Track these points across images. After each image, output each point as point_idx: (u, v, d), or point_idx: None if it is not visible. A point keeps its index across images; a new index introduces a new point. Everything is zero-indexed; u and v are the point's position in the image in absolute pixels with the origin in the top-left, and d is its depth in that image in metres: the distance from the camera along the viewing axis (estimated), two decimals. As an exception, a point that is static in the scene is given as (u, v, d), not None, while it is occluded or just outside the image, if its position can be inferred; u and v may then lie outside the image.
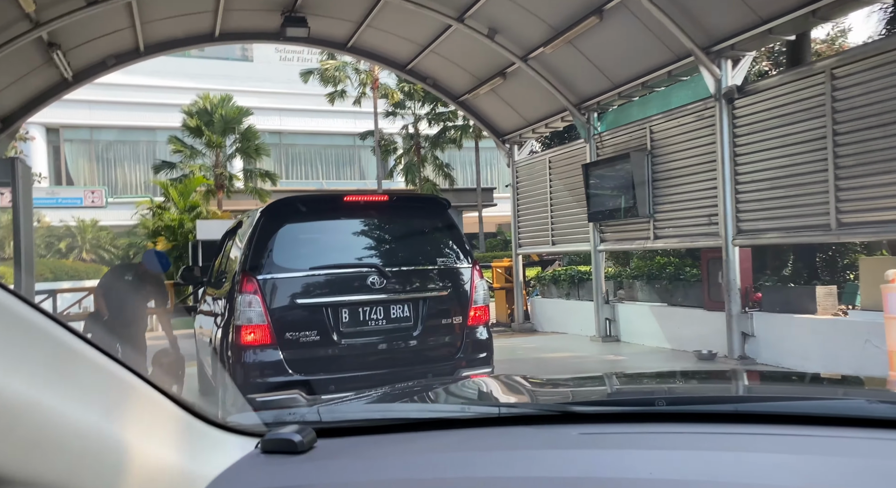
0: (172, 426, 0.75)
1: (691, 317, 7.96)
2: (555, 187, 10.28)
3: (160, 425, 0.72)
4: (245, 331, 3.78)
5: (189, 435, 0.78)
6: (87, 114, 25.79)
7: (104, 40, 8.15)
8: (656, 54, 7.75)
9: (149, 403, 0.71)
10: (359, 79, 22.62)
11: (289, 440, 0.89)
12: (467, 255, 4.43)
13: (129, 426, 0.65)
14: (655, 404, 1.09)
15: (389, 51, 10.45)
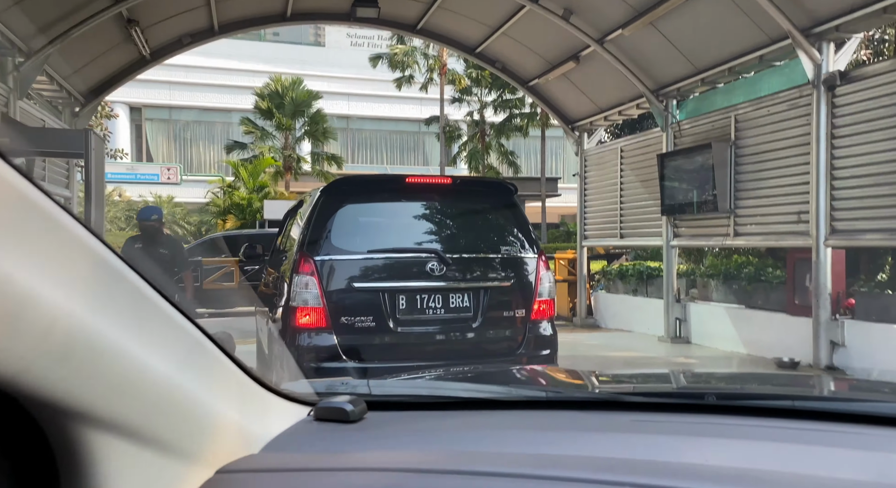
0: (236, 387, 0.77)
1: (772, 322, 7.39)
2: (626, 178, 9.79)
3: (225, 385, 0.74)
4: (300, 313, 3.67)
5: (250, 397, 0.81)
6: (168, 94, 26.84)
7: (180, 18, 8.28)
8: (747, 36, 7.16)
9: (216, 363, 0.73)
10: (427, 64, 22.47)
11: (341, 409, 0.91)
12: (533, 245, 4.17)
13: (200, 382, 0.68)
14: (705, 398, 1.08)
15: (459, 33, 10.19)
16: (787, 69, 7.18)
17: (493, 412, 1.06)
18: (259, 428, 0.80)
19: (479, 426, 0.96)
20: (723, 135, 7.76)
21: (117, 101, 24.63)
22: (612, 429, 0.94)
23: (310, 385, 1.09)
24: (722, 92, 8.30)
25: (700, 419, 0.98)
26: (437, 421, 0.99)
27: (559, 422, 0.98)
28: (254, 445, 0.78)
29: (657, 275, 9.60)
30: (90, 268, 0.52)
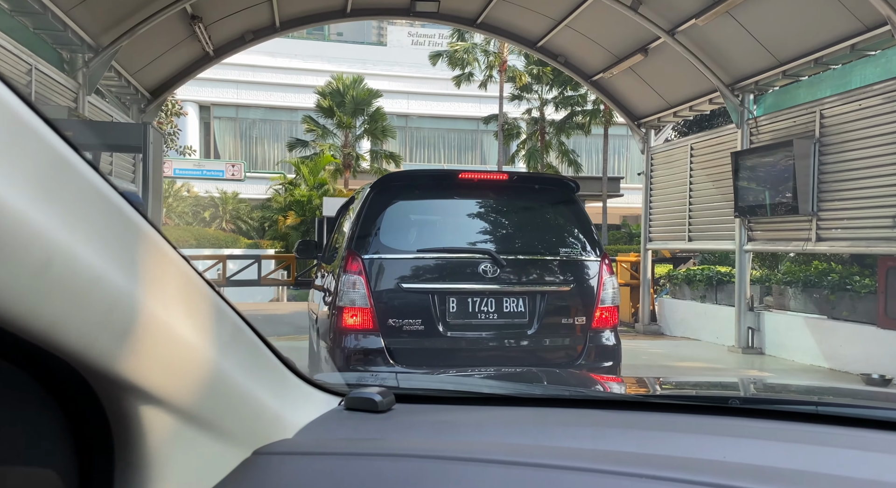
0: (273, 375, 0.80)
1: (859, 335, 6.76)
2: (696, 177, 9.24)
3: (263, 372, 0.77)
4: (347, 313, 3.51)
5: (286, 385, 0.84)
6: (235, 93, 27.66)
7: (242, 15, 8.35)
8: (837, 24, 6.56)
9: (256, 350, 0.76)
10: (486, 61, 22.20)
11: (370, 399, 0.95)
12: (595, 247, 3.86)
13: (241, 367, 0.71)
14: (729, 402, 1.09)
15: (520, 26, 9.88)
16: (884, 59, 6.54)
17: (515, 408, 1.09)
18: (293, 415, 0.84)
19: (499, 420, 0.99)
20: (806, 132, 7.16)
21: (187, 99, 25.58)
22: (632, 427, 0.96)
23: (341, 376, 1.18)
24: (806, 85, 7.68)
25: (723, 421, 1.00)
26: (460, 414, 1.02)
27: (579, 419, 1.01)
28: (288, 430, 0.82)
29: (728, 280, 9.02)
30: (146, 253, 0.55)
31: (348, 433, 0.87)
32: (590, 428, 0.94)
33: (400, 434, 0.90)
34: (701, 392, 1.39)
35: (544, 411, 1.06)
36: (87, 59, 6.53)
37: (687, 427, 0.95)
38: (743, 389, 1.49)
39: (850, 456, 0.82)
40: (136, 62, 7.86)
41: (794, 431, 0.93)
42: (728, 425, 0.97)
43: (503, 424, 0.96)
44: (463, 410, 1.04)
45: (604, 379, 1.47)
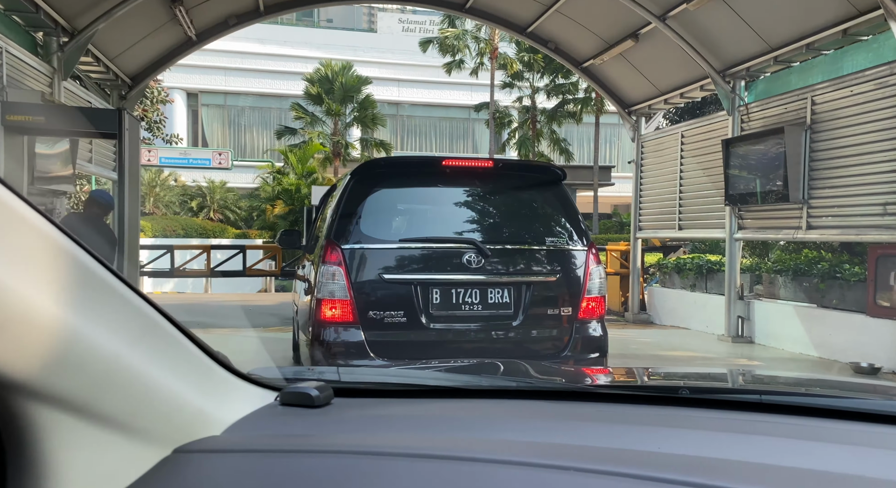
0: (195, 368, 0.77)
1: (849, 323, 6.73)
2: (686, 165, 9.16)
3: (184, 366, 0.74)
4: (326, 306, 3.40)
5: (210, 379, 0.81)
6: (223, 80, 27.31)
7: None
8: (829, 8, 6.46)
9: (175, 344, 0.73)
10: (478, 48, 21.99)
11: (306, 393, 0.92)
12: (582, 236, 3.76)
13: (153, 361, 0.68)
14: (679, 392, 1.08)
15: (510, 11, 9.71)
16: (876, 44, 6.46)
17: (461, 400, 1.07)
18: (221, 411, 0.81)
19: (441, 413, 0.98)
20: (797, 119, 7.08)
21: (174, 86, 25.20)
22: (578, 419, 0.96)
23: (278, 370, 1.09)
24: (797, 71, 7.59)
25: (670, 411, 0.99)
26: (402, 407, 1.00)
27: (523, 411, 1.00)
28: (215, 427, 0.78)
29: (718, 269, 8.98)
30: (32, 242, 0.53)
31: (280, 429, 0.84)
32: (534, 421, 0.93)
33: (334, 429, 0.87)
34: (652, 382, 1.39)
35: (491, 403, 1.05)
36: (62, 43, 6.33)
37: (632, 418, 0.95)
38: (702, 379, 1.48)
39: (787, 445, 0.82)
40: (114, 47, 7.65)
41: (737, 421, 0.93)
42: (673, 415, 0.97)
43: (445, 418, 0.94)
44: (406, 404, 1.02)
45: (568, 370, 1.48)
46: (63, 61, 6.36)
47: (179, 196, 24.24)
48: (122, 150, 4.82)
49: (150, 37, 7.98)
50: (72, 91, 6.93)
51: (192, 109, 28.04)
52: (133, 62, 8.38)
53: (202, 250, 9.70)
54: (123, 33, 7.47)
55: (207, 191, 24.19)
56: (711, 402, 1.03)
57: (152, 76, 8.91)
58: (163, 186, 23.84)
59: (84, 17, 6.42)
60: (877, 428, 0.90)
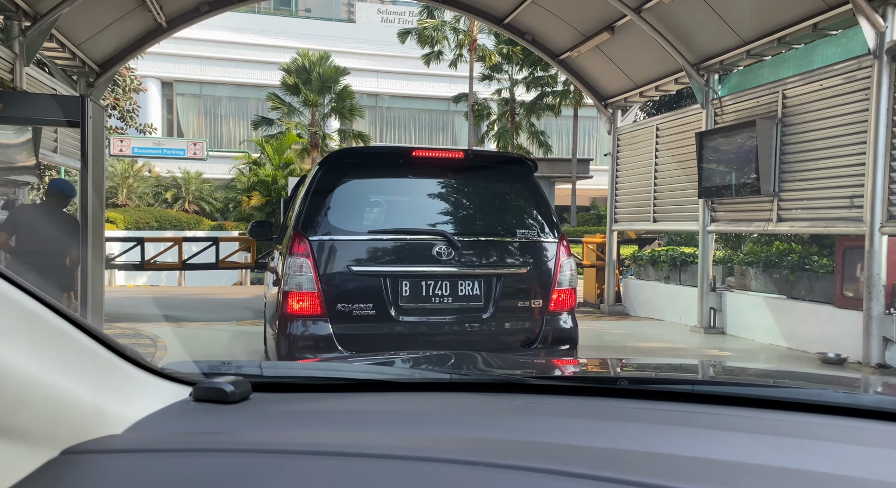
0: (89, 363, 0.73)
1: (817, 314, 6.85)
2: (661, 158, 9.23)
3: (72, 360, 0.70)
4: (292, 298, 3.35)
5: (111, 375, 0.77)
6: (199, 69, 26.84)
7: (196, -15, 7.98)
8: (800, 3, 6.52)
9: (59, 337, 0.69)
10: (456, 40, 21.88)
11: (220, 389, 0.89)
12: (553, 228, 3.75)
13: (32, 357, 0.64)
14: (618, 383, 1.09)
15: (486, 2, 9.66)
16: (845, 39, 6.54)
17: (388, 394, 1.04)
18: (124, 408, 0.77)
19: (365, 409, 0.95)
20: (768, 113, 7.16)
21: (148, 75, 24.70)
22: (504, 411, 0.95)
23: (195, 365, 1.05)
24: (769, 65, 7.67)
25: (607, 403, 0.98)
26: (323, 402, 0.97)
27: (452, 404, 0.98)
28: (115, 425, 0.74)
29: (691, 261, 9.07)
30: None
31: (189, 426, 0.80)
32: (460, 415, 0.91)
33: (247, 426, 0.83)
34: (592, 374, 1.39)
35: (421, 396, 1.02)
36: (24, 27, 6.14)
37: (566, 410, 0.94)
38: (662, 370, 1.48)
39: (707, 435, 0.82)
40: (81, 32, 7.44)
41: (667, 412, 0.93)
42: (609, 407, 0.96)
43: (368, 413, 0.91)
44: (329, 398, 0.98)
45: (519, 361, 1.44)
46: (25, 46, 6.17)
47: (153, 187, 23.82)
48: (85, 139, 4.68)
49: (118, 23, 7.78)
50: (35, 77, 6.73)
51: (168, 99, 27.53)
52: (101, 49, 8.17)
53: (173, 242, 9.52)
54: (90, 19, 7.27)
55: (182, 182, 23.81)
56: (649, 393, 1.02)
57: (121, 63, 8.70)
58: (136, 177, 23.40)
59: (47, 1, 6.23)
60: (802, 418, 0.91)
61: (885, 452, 0.78)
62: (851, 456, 0.77)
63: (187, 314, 9.01)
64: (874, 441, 0.83)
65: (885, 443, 0.82)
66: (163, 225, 19.95)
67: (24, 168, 5.82)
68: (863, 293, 5.97)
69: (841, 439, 0.83)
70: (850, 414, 0.91)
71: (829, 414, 0.92)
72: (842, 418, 0.91)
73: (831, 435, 0.85)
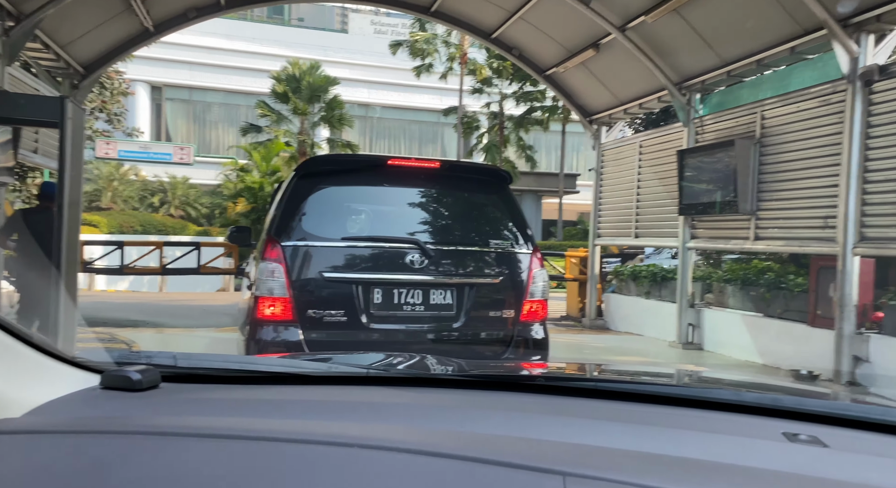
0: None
1: (791, 332, 6.93)
2: (644, 175, 9.33)
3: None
4: (263, 303, 3.35)
5: (13, 361, 0.78)
6: (189, 74, 26.79)
7: (184, -10, 8.01)
8: (779, 26, 6.66)
9: None
10: (448, 53, 22.06)
11: (127, 377, 0.91)
12: (527, 240, 3.79)
13: None
14: (535, 380, 1.14)
15: (475, 16, 9.78)
16: (821, 63, 6.68)
17: (304, 386, 1.05)
18: (24, 392, 0.78)
19: (271, 397, 0.96)
20: (747, 132, 7.28)
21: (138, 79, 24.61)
22: (404, 404, 0.96)
23: (107, 353, 1.06)
24: (749, 86, 7.81)
25: (526, 398, 1.02)
26: (231, 392, 0.97)
27: (364, 396, 0.99)
28: (14, 409, 0.76)
29: (671, 277, 9.15)
30: None
31: (89, 411, 0.82)
32: (365, 405, 0.93)
33: (150, 412, 0.85)
34: (505, 370, 1.43)
35: (336, 389, 1.03)
36: (7, 27, 6.11)
37: (469, 403, 0.98)
38: (589, 372, 1.54)
39: (603, 427, 0.87)
40: (66, 34, 7.42)
41: (572, 406, 0.99)
42: (529, 402, 1.00)
43: (272, 402, 0.93)
44: (236, 389, 1.00)
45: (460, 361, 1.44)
46: (8, 47, 6.15)
47: (139, 191, 23.66)
48: (63, 140, 4.65)
49: (104, 25, 7.78)
50: (18, 78, 6.70)
51: (157, 103, 27.44)
52: (86, 51, 8.15)
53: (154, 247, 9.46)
54: (75, 20, 7.26)
55: (169, 187, 23.68)
56: (561, 389, 1.07)
57: (107, 66, 8.68)
58: (122, 181, 23.24)
59: (31, 2, 6.22)
60: (697, 413, 0.96)
61: (759, 443, 0.85)
62: (727, 445, 0.83)
63: (166, 320, 8.93)
64: (753, 433, 0.90)
65: (760, 435, 0.88)
66: (147, 229, 19.80)
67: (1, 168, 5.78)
68: (835, 312, 6.05)
69: (722, 431, 0.89)
70: (737, 411, 0.98)
71: (719, 411, 0.98)
72: (728, 414, 0.97)
73: (706, 426, 0.91)
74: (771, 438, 0.86)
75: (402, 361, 1.44)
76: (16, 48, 6.20)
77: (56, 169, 7.61)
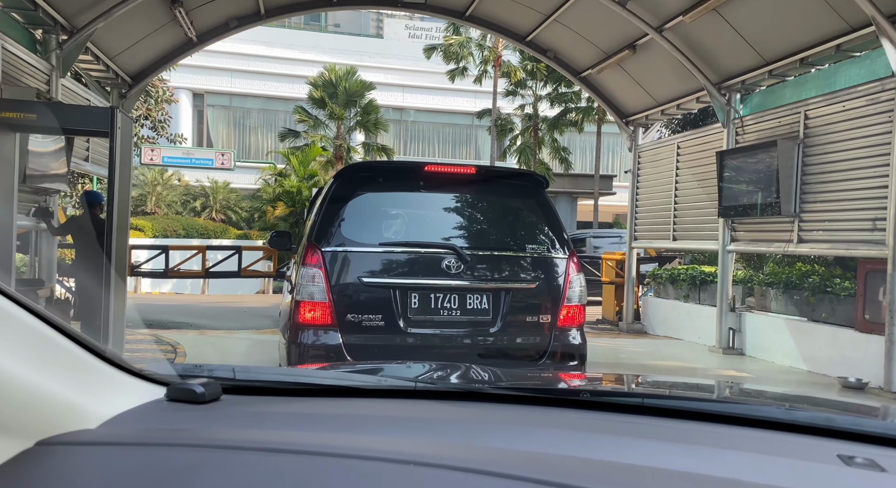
0: (64, 362, 0.77)
1: (838, 338, 6.73)
2: (682, 176, 9.19)
3: (47, 357, 0.74)
4: (304, 308, 3.43)
5: (86, 374, 0.81)
6: (229, 81, 27.44)
7: (226, 0, 8.22)
8: (823, 24, 6.49)
9: (38, 337, 0.73)
10: (482, 56, 22.08)
11: (191, 389, 0.94)
12: (563, 244, 3.78)
13: (5, 352, 0.68)
14: (580, 395, 1.12)
15: (509, 20, 9.78)
16: (868, 60, 6.48)
17: (356, 400, 1.07)
18: (98, 404, 0.81)
19: (327, 411, 0.99)
20: (790, 133, 7.10)
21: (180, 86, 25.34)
22: (458, 419, 0.97)
23: (171, 366, 1.09)
24: (791, 85, 7.62)
25: (569, 414, 1.02)
26: (287, 405, 1.01)
27: (415, 411, 1.01)
28: (89, 420, 0.78)
29: (711, 280, 8.98)
30: None
31: (159, 423, 0.85)
32: (415, 421, 0.95)
33: (215, 424, 0.89)
34: (548, 385, 1.42)
35: (384, 403, 1.05)
36: (61, 41, 6.40)
37: (509, 418, 0.98)
38: (621, 384, 1.51)
39: (648, 445, 0.86)
40: (114, 46, 7.72)
41: (617, 423, 0.97)
42: (565, 417, 1.00)
43: (328, 416, 0.96)
44: (294, 401, 1.03)
45: (505, 372, 1.47)
46: (62, 59, 6.43)
47: (182, 195, 24.33)
48: (113, 148, 4.86)
49: (150, 37, 8.06)
50: (70, 89, 6.99)
51: (198, 110, 28.18)
52: (133, 61, 8.46)
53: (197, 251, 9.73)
54: (123, 33, 7.54)
55: (210, 192, 24.28)
56: (605, 405, 1.06)
57: (153, 75, 8.98)
58: (165, 186, 23.94)
59: (83, 16, 6.49)
60: (740, 431, 0.94)
61: (809, 465, 0.82)
62: (773, 467, 0.80)
63: (208, 322, 9.18)
64: (806, 455, 0.87)
65: (812, 457, 0.86)
66: (190, 233, 20.35)
67: (55, 176, 6.05)
68: (885, 317, 5.85)
69: (768, 451, 0.86)
70: (787, 430, 0.95)
71: (769, 430, 0.95)
72: (779, 433, 0.94)
73: (758, 447, 0.88)
74: (825, 461, 0.83)
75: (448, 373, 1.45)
76: (69, 61, 6.48)
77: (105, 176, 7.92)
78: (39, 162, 5.59)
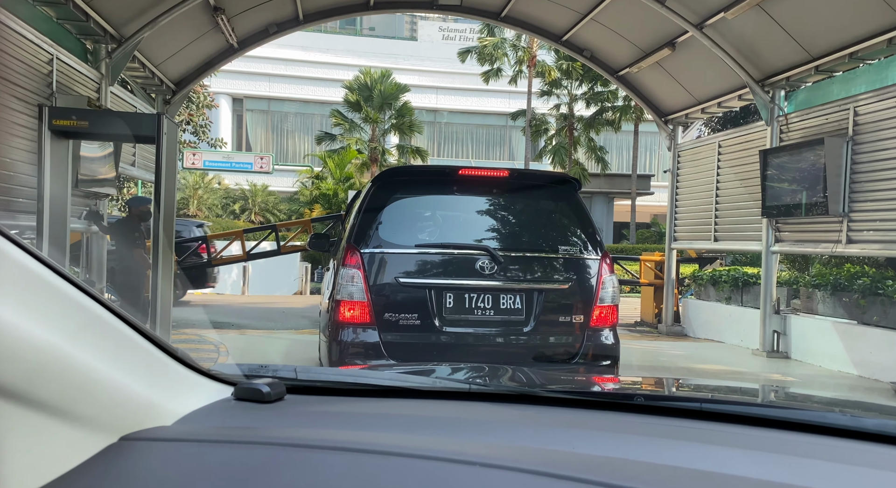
0: (144, 362, 0.81)
1: (890, 342, 6.47)
2: (723, 176, 8.97)
3: (132, 359, 0.78)
4: (344, 307, 3.48)
5: (163, 374, 0.85)
6: (267, 86, 28.00)
7: (265, 7, 8.39)
8: (873, 16, 6.26)
9: (122, 338, 0.77)
10: (516, 57, 22.00)
11: (257, 389, 0.97)
12: (596, 245, 3.76)
13: (95, 353, 0.71)
14: (634, 399, 1.12)
15: (545, 20, 9.72)
16: (922, 53, 6.23)
17: (411, 400, 1.10)
18: (174, 403, 0.84)
19: (386, 411, 1.00)
20: (838, 130, 6.87)
21: (220, 91, 25.99)
22: (513, 420, 0.98)
23: (237, 367, 1.13)
24: (839, 81, 7.37)
25: (623, 418, 1.01)
26: (349, 405, 1.03)
27: (471, 412, 1.03)
28: (166, 418, 0.82)
29: (754, 282, 8.75)
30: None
31: (228, 421, 0.88)
32: (478, 422, 0.96)
33: (279, 423, 0.91)
34: (610, 390, 1.41)
35: (440, 404, 1.07)
36: (110, 50, 6.63)
37: (566, 421, 0.98)
38: (667, 388, 1.49)
39: (706, 450, 0.85)
40: (159, 53, 7.97)
41: (675, 427, 0.96)
42: (624, 421, 0.99)
43: (387, 416, 0.97)
44: (354, 402, 1.05)
45: (549, 375, 1.49)
46: (111, 67, 6.67)
47: (222, 198, 24.91)
48: (159, 153, 5.01)
49: (193, 44, 8.28)
50: (118, 96, 7.24)
51: (238, 114, 28.84)
52: (177, 68, 8.71)
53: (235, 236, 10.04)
54: (168, 40, 7.78)
55: (249, 194, 24.80)
56: (661, 409, 1.05)
57: (195, 81, 9.23)
58: (206, 189, 24.55)
59: (131, 26, 6.72)
60: (804, 438, 0.92)
61: (884, 474, 0.80)
62: (845, 476, 0.78)
63: (249, 322, 9.37)
64: (873, 463, 0.84)
65: (884, 466, 0.83)
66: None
67: (104, 180, 6.27)
68: (940, 321, 5.61)
69: (838, 459, 0.84)
70: (855, 437, 0.93)
71: (834, 436, 0.93)
72: (844, 440, 0.92)
73: (827, 455, 0.86)
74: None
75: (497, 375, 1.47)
76: (117, 69, 6.72)
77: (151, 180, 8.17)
78: (90, 167, 5.81)
